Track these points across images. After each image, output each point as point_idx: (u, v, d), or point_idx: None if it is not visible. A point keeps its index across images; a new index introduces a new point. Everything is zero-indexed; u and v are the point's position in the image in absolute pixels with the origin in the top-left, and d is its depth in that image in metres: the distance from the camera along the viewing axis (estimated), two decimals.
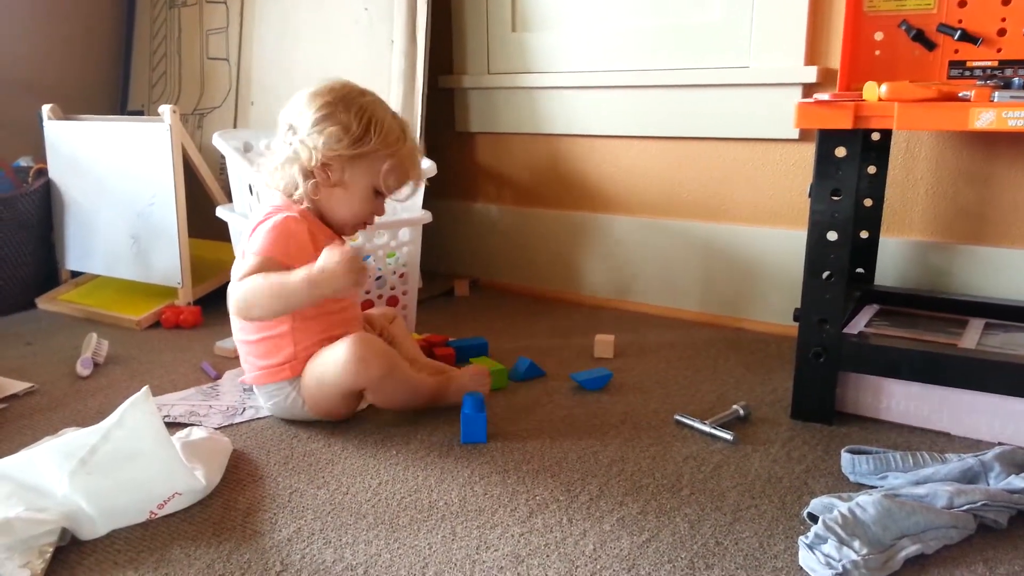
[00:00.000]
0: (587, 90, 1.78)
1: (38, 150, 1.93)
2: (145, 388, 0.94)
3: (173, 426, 1.17)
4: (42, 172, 1.91)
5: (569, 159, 1.85)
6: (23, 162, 1.94)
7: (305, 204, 1.18)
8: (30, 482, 0.90)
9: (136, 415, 0.92)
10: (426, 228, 1.60)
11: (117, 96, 2.27)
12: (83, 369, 1.41)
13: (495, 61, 1.91)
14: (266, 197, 1.26)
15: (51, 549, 0.86)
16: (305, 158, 1.14)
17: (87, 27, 2.19)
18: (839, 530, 0.84)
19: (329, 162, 1.15)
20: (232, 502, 0.98)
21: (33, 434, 1.16)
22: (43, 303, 1.86)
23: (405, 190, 1.24)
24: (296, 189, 1.17)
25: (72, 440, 0.91)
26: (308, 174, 1.16)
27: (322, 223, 1.20)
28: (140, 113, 2.21)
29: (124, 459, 0.91)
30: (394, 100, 1.78)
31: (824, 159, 1.10)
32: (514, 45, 1.87)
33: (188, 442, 1.06)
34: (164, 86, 2.18)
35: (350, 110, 1.14)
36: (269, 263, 1.09)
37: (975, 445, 1.10)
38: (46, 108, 1.88)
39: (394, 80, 1.79)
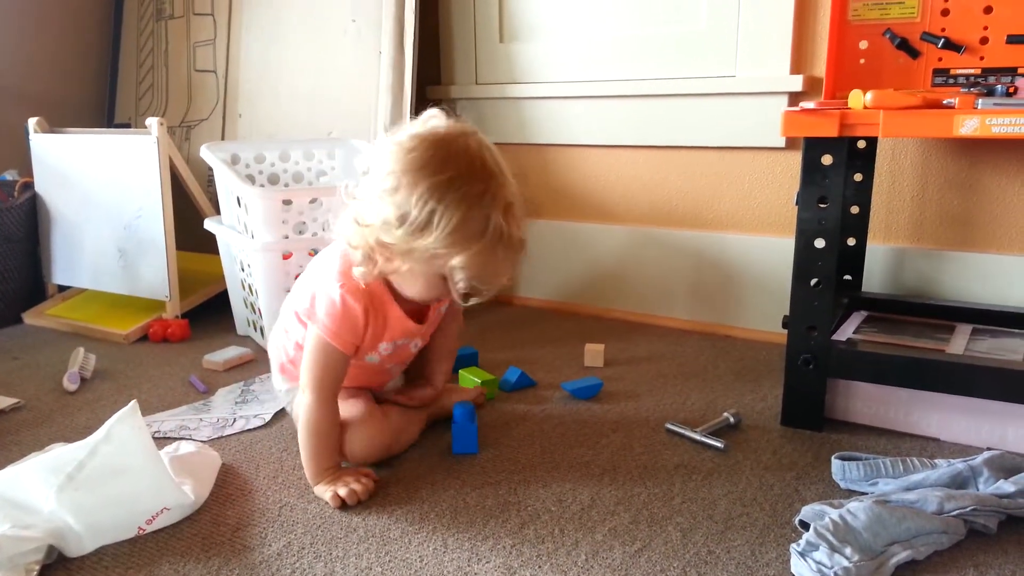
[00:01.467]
0: (575, 100, 1.79)
1: (24, 164, 1.92)
2: (132, 402, 0.94)
3: (162, 440, 1.16)
4: (28, 186, 1.90)
5: (557, 169, 1.86)
6: (8, 176, 1.93)
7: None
8: (16, 499, 0.89)
9: (124, 430, 0.91)
10: None
11: (104, 109, 2.26)
12: (70, 384, 1.40)
13: (483, 71, 1.92)
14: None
15: (37, 567, 0.85)
16: (357, 238, 0.96)
17: (73, 40, 2.18)
18: (830, 537, 0.84)
19: (383, 246, 0.94)
20: (221, 517, 0.98)
21: (20, 450, 1.15)
22: (29, 317, 1.84)
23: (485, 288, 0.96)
24: (356, 263, 0.99)
25: (59, 456, 0.91)
26: (367, 253, 0.96)
27: (393, 295, 1.04)
28: (127, 126, 2.20)
29: (112, 474, 0.90)
30: (382, 111, 1.78)
31: (810, 167, 1.11)
32: (502, 55, 1.88)
33: (176, 456, 1.05)
34: (151, 99, 2.18)
35: (415, 189, 0.89)
36: (329, 352, 1.01)
37: (964, 450, 1.11)
38: (32, 121, 1.87)
39: (382, 91, 1.79)
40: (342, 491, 0.99)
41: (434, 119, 0.96)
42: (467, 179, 0.90)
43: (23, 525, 0.87)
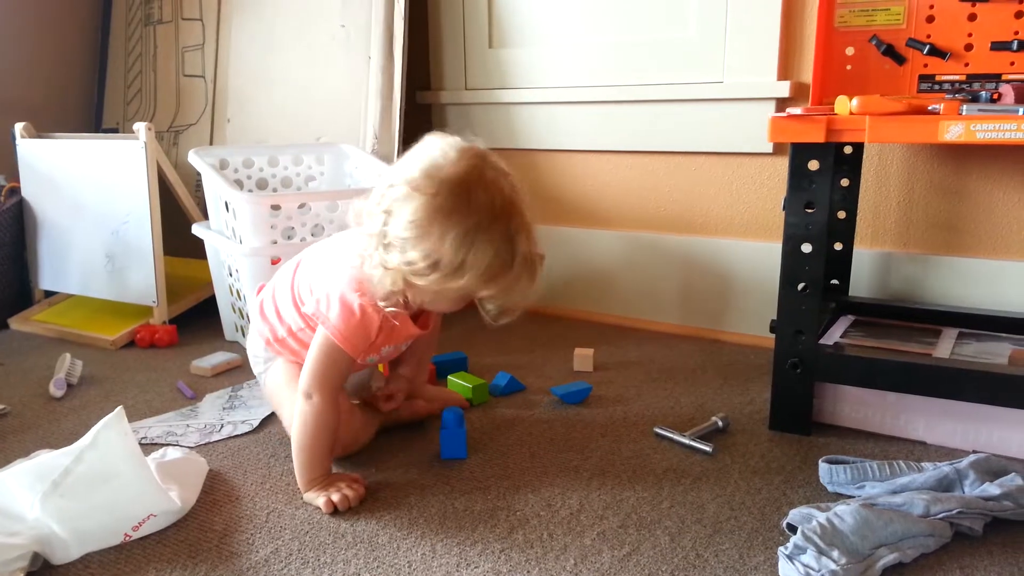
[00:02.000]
0: (564, 105, 1.79)
1: (11, 169, 1.91)
2: (119, 408, 0.93)
3: (149, 447, 1.16)
4: (15, 191, 1.89)
5: (547, 174, 1.86)
6: None
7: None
8: (1, 505, 0.89)
9: (110, 436, 0.91)
10: None
11: (91, 114, 2.25)
12: (56, 390, 1.39)
13: (472, 77, 1.92)
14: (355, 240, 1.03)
15: (22, 574, 0.84)
16: (385, 279, 0.95)
17: (61, 44, 2.17)
18: (818, 540, 0.84)
19: (411, 285, 0.95)
20: (208, 523, 0.97)
21: (5, 457, 1.14)
22: (16, 323, 1.83)
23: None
24: (380, 297, 0.99)
25: (45, 462, 0.90)
26: (394, 290, 0.97)
27: (405, 308, 1.04)
28: (115, 131, 2.19)
29: (98, 481, 0.90)
30: (372, 116, 1.78)
31: (797, 172, 1.11)
32: (491, 61, 1.88)
33: (163, 463, 1.04)
34: (139, 103, 2.17)
35: (444, 238, 0.90)
36: (338, 356, 1.01)
37: (950, 453, 1.12)
38: (19, 126, 1.86)
39: (372, 96, 1.79)
40: (335, 496, 0.99)
41: (438, 147, 0.94)
42: (492, 219, 0.91)
43: (8, 532, 0.86)
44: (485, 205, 0.91)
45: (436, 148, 0.94)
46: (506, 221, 0.92)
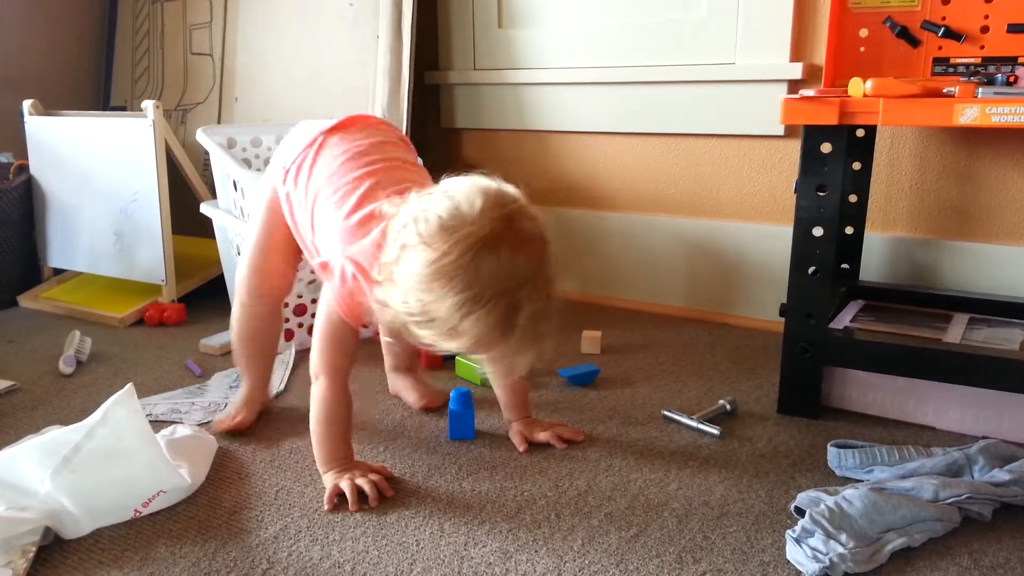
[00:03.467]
0: (574, 86, 1.78)
1: (19, 146, 1.91)
2: (129, 386, 0.93)
3: (157, 424, 1.16)
4: (23, 168, 1.89)
5: (555, 155, 1.85)
6: (3, 158, 1.92)
7: None
8: (12, 481, 0.89)
9: (120, 413, 0.91)
10: None
11: (99, 92, 2.25)
12: (66, 367, 1.40)
13: (481, 57, 1.91)
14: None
15: (34, 548, 0.85)
16: (386, 315, 0.89)
17: (69, 22, 2.17)
18: (826, 524, 0.84)
19: (407, 327, 0.88)
20: (218, 500, 0.98)
21: (15, 433, 1.15)
22: (25, 301, 1.84)
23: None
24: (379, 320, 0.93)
25: (55, 438, 0.91)
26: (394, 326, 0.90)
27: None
28: (123, 109, 2.19)
29: (108, 457, 0.90)
30: (379, 96, 1.78)
31: (809, 155, 1.10)
32: (500, 41, 1.87)
33: (173, 440, 1.05)
34: (147, 81, 2.16)
35: (447, 297, 0.82)
36: (340, 328, 0.97)
37: (960, 439, 1.11)
38: (27, 104, 1.86)
39: (379, 76, 1.78)
40: (345, 486, 0.97)
41: (468, 193, 0.86)
42: (498, 291, 0.83)
43: (19, 507, 0.87)
44: (493, 274, 0.82)
45: (465, 193, 0.86)
46: (514, 292, 0.84)
